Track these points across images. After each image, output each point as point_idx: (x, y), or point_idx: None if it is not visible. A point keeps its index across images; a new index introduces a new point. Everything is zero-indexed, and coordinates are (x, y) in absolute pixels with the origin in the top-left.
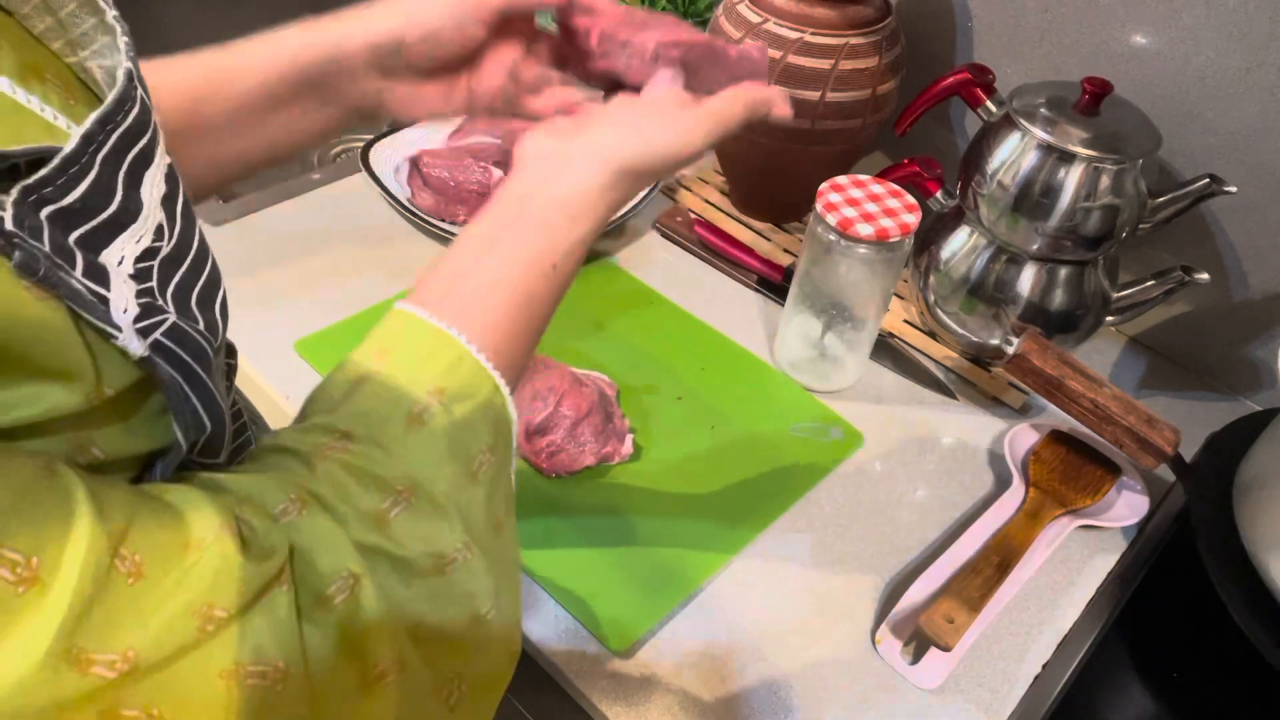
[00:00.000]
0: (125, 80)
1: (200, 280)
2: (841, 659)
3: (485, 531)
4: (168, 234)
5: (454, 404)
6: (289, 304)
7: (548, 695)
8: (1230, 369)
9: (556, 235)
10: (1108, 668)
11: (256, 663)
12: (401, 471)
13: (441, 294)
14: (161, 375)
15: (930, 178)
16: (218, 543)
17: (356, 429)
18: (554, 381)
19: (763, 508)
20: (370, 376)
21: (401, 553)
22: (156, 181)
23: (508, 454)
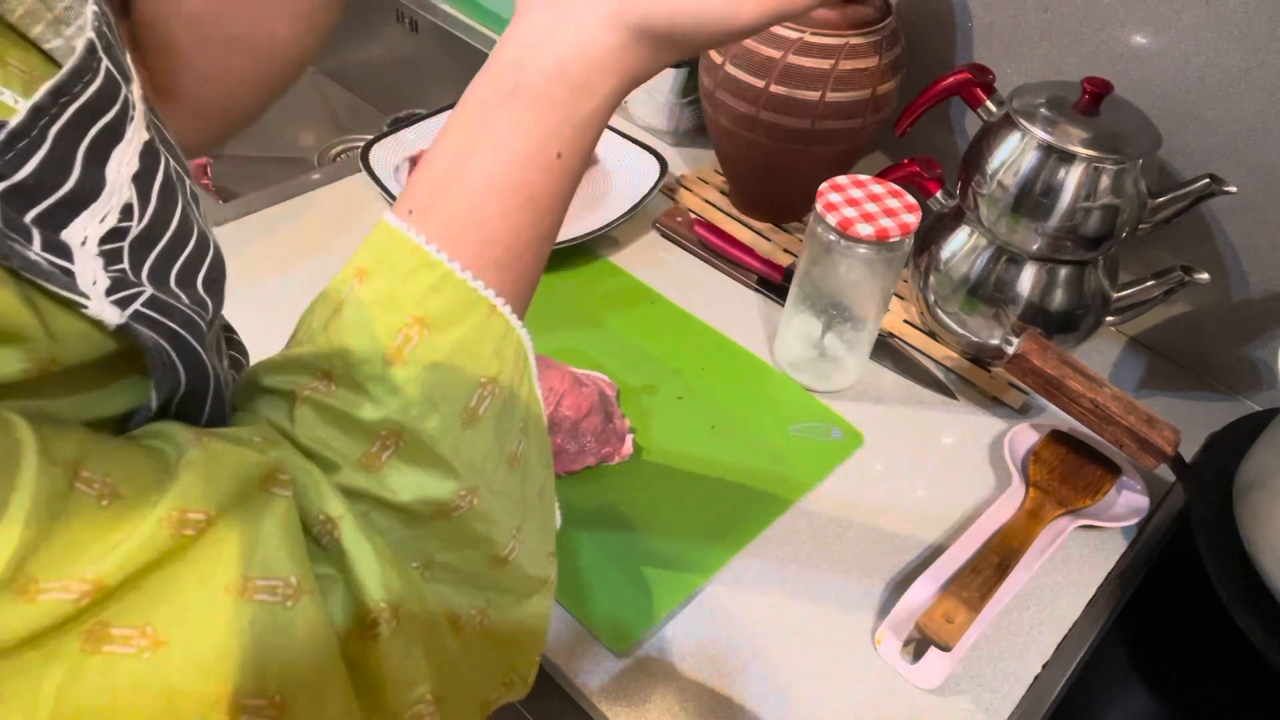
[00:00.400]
0: (84, 51)
1: (179, 261)
2: (841, 659)
3: (496, 471)
4: (138, 213)
5: (437, 334)
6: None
7: (548, 695)
8: (1230, 369)
9: (558, 113)
10: (1108, 668)
11: (265, 576)
12: (383, 416)
13: (427, 201)
14: (145, 342)
15: (930, 178)
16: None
17: (336, 368)
18: (554, 381)
19: (763, 508)
20: (348, 303)
21: (396, 500)
22: (127, 159)
23: (519, 380)
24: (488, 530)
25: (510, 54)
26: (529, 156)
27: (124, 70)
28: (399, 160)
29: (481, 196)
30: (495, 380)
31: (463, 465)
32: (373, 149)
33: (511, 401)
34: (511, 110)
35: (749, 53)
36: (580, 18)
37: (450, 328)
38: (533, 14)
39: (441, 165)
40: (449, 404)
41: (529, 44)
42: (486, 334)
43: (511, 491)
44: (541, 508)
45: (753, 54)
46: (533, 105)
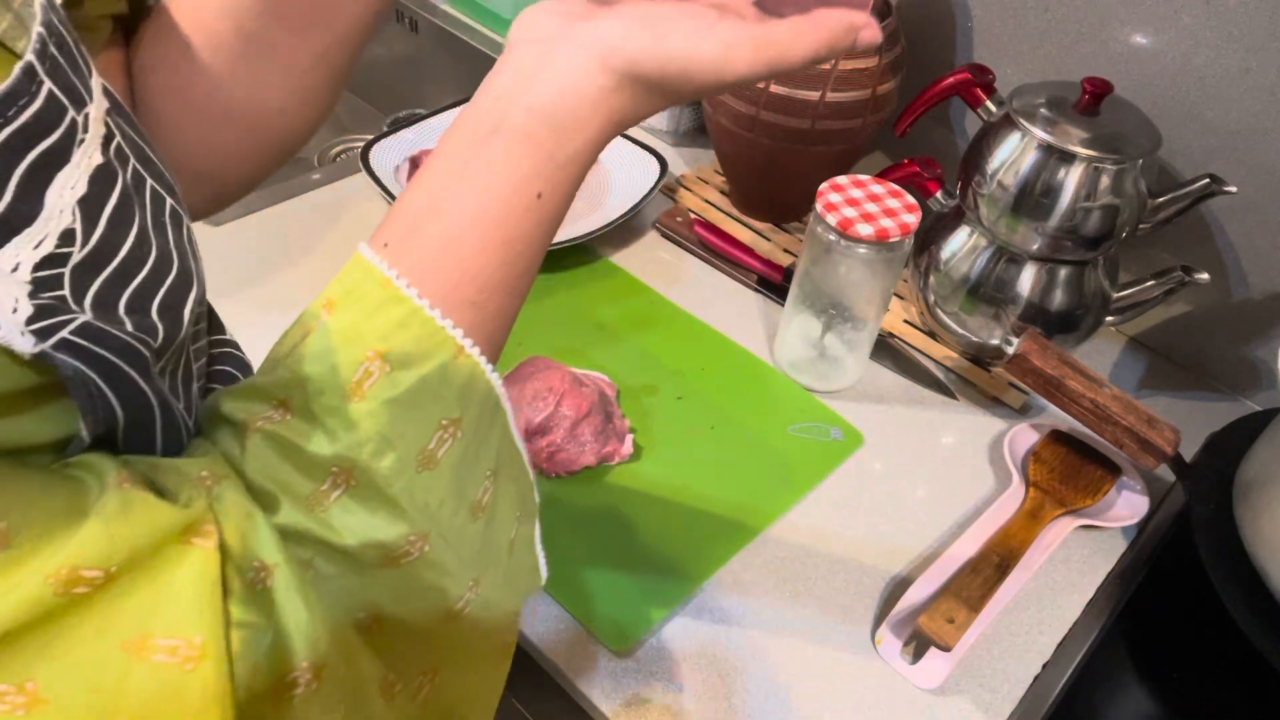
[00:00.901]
0: (20, 75)
1: (129, 288)
2: (841, 659)
3: (453, 517)
4: (80, 239)
5: (399, 371)
6: (289, 304)
7: (548, 695)
8: (1230, 369)
9: (541, 152)
10: (1108, 668)
11: (168, 635)
12: (337, 452)
13: (403, 235)
14: (65, 372)
15: (930, 178)
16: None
17: (294, 398)
18: (554, 381)
19: (762, 508)
20: (314, 333)
21: (341, 542)
22: (73, 183)
23: (488, 425)
24: (439, 580)
25: (497, 89)
26: (509, 194)
27: (74, 92)
28: (399, 160)
29: (459, 233)
30: (458, 423)
31: (415, 509)
32: (373, 149)
33: (477, 447)
34: (494, 147)
35: None
36: (569, 57)
37: (414, 365)
38: (522, 51)
39: (421, 199)
40: (406, 443)
41: (516, 80)
42: (452, 375)
43: (471, 540)
44: (511, 562)
45: None
46: (516, 143)
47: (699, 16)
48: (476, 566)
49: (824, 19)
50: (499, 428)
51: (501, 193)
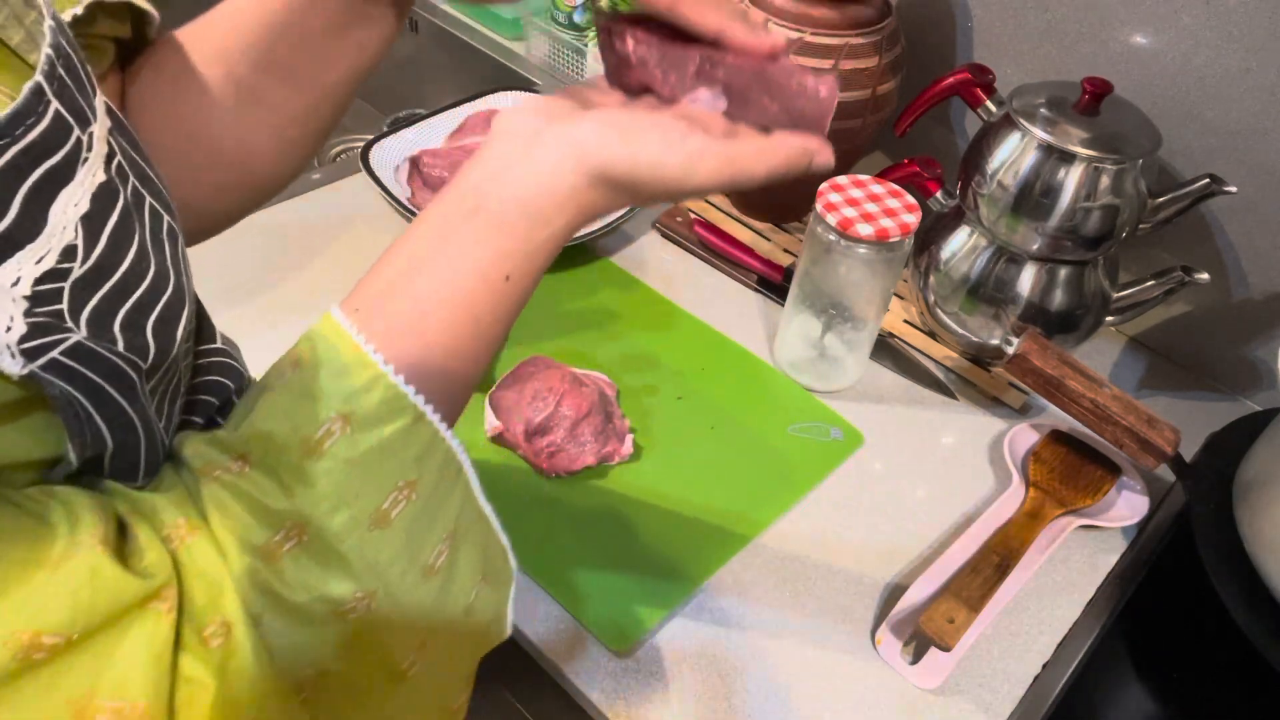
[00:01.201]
0: (29, 95)
1: (127, 303)
2: (841, 659)
3: (404, 581)
4: (82, 255)
5: (359, 433)
6: (289, 304)
7: (548, 695)
8: (1230, 369)
9: (513, 240)
10: (1108, 668)
11: (114, 698)
12: (292, 507)
13: (375, 302)
14: (52, 393)
15: (930, 178)
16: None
17: (254, 452)
18: (554, 381)
19: (763, 508)
20: (280, 389)
21: (291, 597)
22: (76, 200)
23: (446, 490)
24: (385, 638)
25: (476, 177)
26: (480, 274)
27: (79, 111)
28: (399, 160)
29: (428, 306)
30: (413, 486)
31: (364, 566)
32: (373, 149)
33: (433, 510)
34: (470, 229)
35: None
36: (547, 154)
37: (375, 428)
38: (503, 143)
39: (395, 270)
40: (360, 502)
41: (495, 171)
42: (411, 439)
43: (422, 602)
44: (465, 625)
45: None
46: (491, 227)
47: (670, 129)
48: (425, 628)
49: (782, 143)
50: (460, 491)
51: (472, 272)
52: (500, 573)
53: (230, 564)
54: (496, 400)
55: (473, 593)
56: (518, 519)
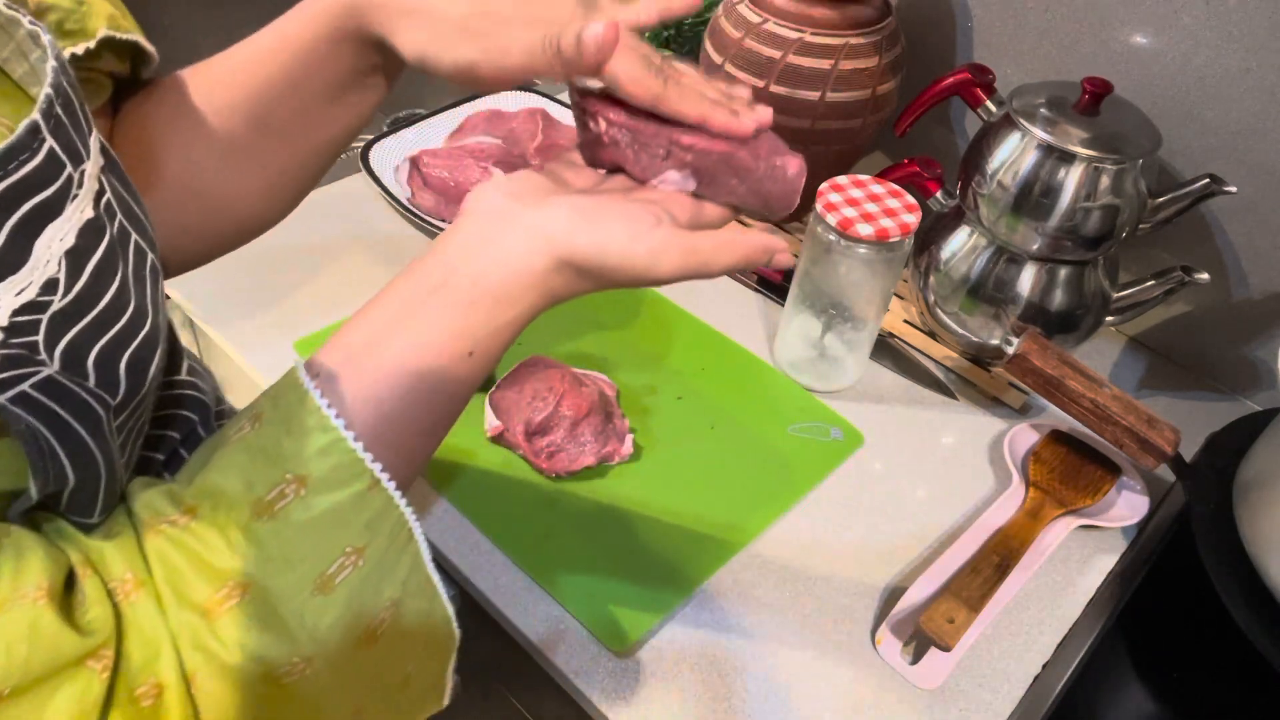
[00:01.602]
0: (25, 131)
1: (104, 338)
2: (841, 659)
3: (343, 646)
4: (63, 288)
5: (313, 496)
6: (289, 304)
7: (548, 695)
8: (1230, 369)
9: (477, 318)
10: (1108, 668)
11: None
12: (236, 566)
13: (339, 366)
14: (18, 428)
15: (930, 178)
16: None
17: (203, 506)
18: (554, 381)
19: (763, 508)
20: (235, 445)
21: (226, 657)
22: (62, 235)
23: (395, 557)
24: (317, 704)
25: (446, 254)
26: (442, 349)
27: (73, 149)
28: (399, 160)
29: (390, 376)
30: (361, 552)
31: (304, 631)
32: (373, 149)
33: (379, 577)
34: (435, 304)
35: (749, 53)
36: (516, 237)
37: (328, 492)
38: (473, 223)
39: (359, 338)
40: (306, 566)
41: (464, 250)
42: (364, 505)
43: (359, 669)
44: (403, 696)
45: (753, 54)
46: (456, 304)
47: (637, 219)
48: (359, 696)
49: (744, 240)
50: (408, 559)
51: (436, 345)
52: (442, 641)
53: (168, 619)
54: (496, 400)
55: (412, 663)
56: (518, 519)
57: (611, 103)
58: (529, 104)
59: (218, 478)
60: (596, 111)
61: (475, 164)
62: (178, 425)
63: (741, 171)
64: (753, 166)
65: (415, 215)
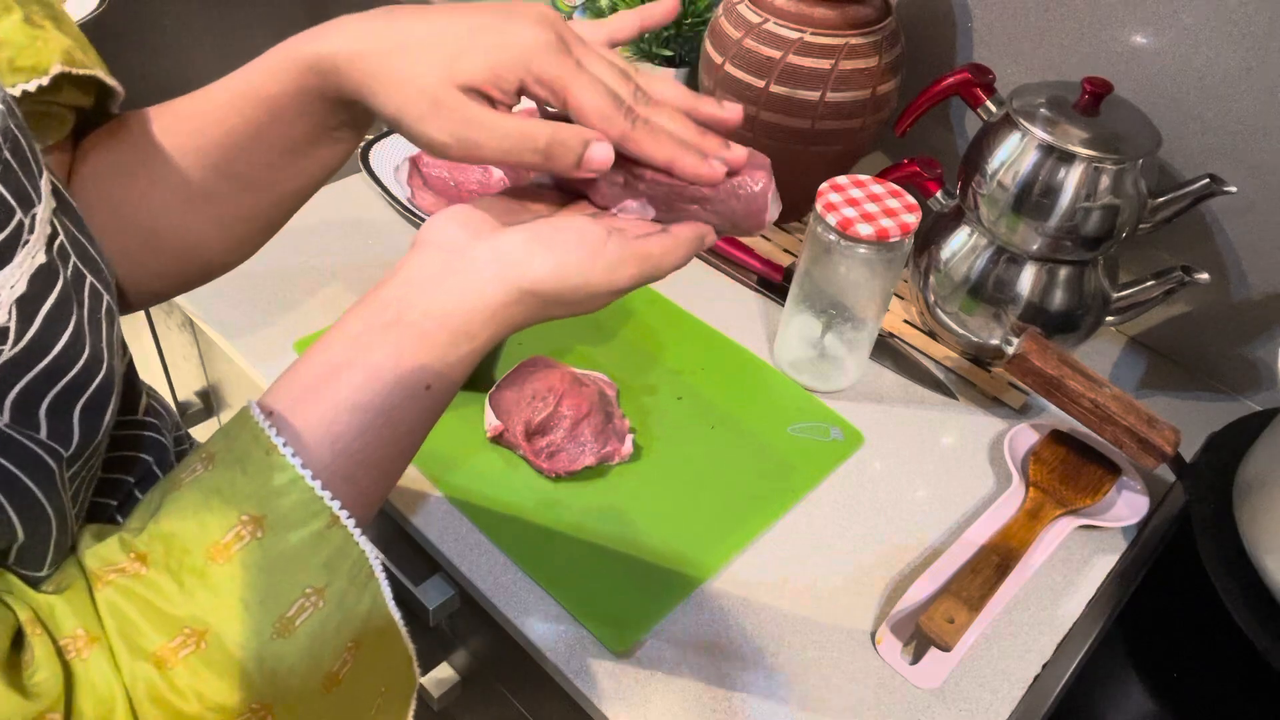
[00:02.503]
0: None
1: (57, 386)
2: (841, 659)
3: (305, 690)
4: (14, 336)
5: (270, 536)
6: (289, 304)
7: (548, 695)
8: (1230, 369)
9: (434, 352)
10: (1108, 668)
11: None
12: (192, 612)
13: (293, 405)
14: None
15: (930, 178)
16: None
17: (155, 552)
18: (554, 381)
19: (763, 508)
20: (188, 487)
21: (183, 706)
22: (13, 283)
23: (356, 596)
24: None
25: (399, 287)
26: (398, 383)
27: (23, 194)
28: (399, 160)
29: (345, 411)
30: (321, 592)
31: (263, 677)
32: (373, 149)
33: (340, 617)
34: (389, 338)
35: (749, 53)
36: (471, 271)
37: (287, 532)
38: (427, 255)
39: (313, 373)
40: (265, 610)
41: (418, 283)
42: (323, 544)
43: (319, 713)
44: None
45: (753, 54)
46: (411, 338)
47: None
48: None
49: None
50: (369, 597)
51: (390, 381)
52: (402, 683)
53: (122, 673)
54: (496, 400)
55: (373, 705)
56: (518, 519)
57: None
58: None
59: (170, 522)
60: None
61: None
62: (133, 468)
63: (699, 199)
64: (711, 193)
65: (415, 215)
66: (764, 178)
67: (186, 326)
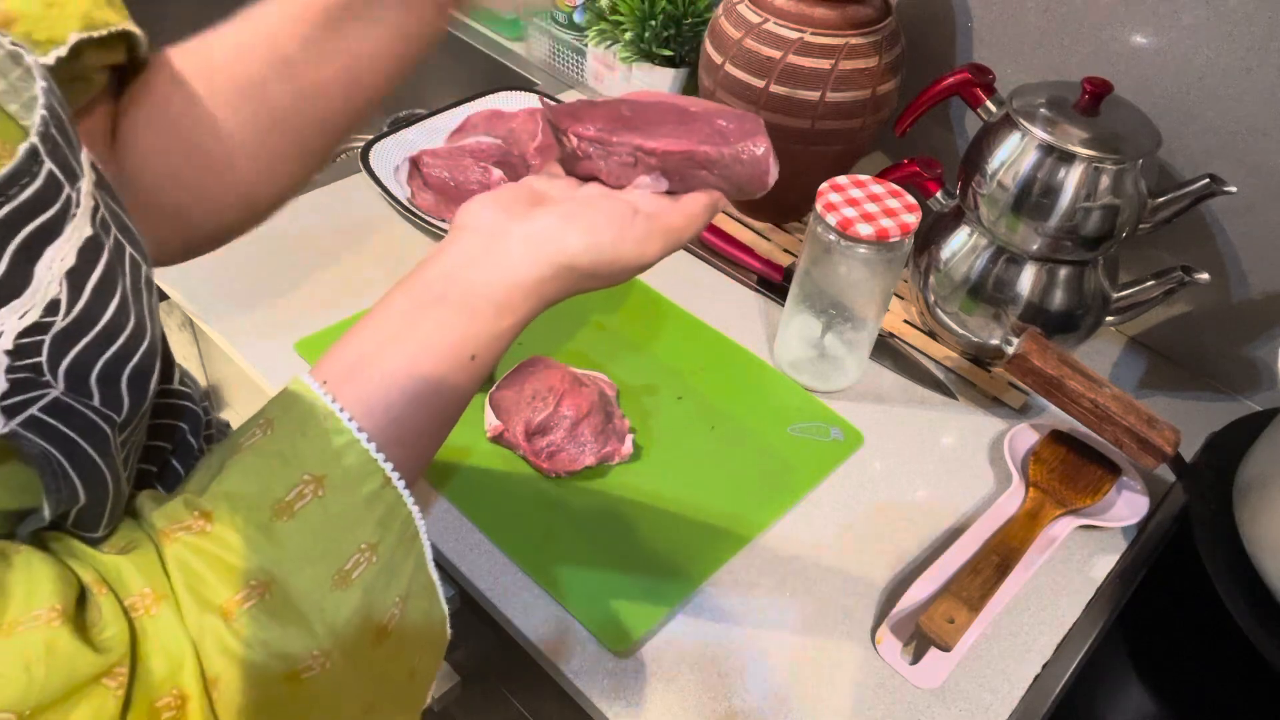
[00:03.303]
0: (25, 155)
1: (106, 355)
2: (841, 659)
3: (357, 640)
4: (65, 308)
5: (331, 495)
6: (289, 304)
7: (548, 695)
8: (1230, 369)
9: (478, 324)
10: (1108, 668)
11: None
12: (258, 565)
13: (345, 373)
14: (30, 450)
15: (930, 178)
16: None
17: (220, 509)
18: (554, 381)
19: (763, 508)
20: (248, 451)
21: (249, 655)
22: (63, 256)
23: (404, 554)
24: (335, 699)
25: (442, 268)
26: (445, 354)
27: (70, 169)
28: (399, 160)
29: (398, 381)
30: (374, 548)
31: (323, 626)
32: (373, 149)
33: (390, 573)
34: (438, 314)
35: (749, 53)
36: (510, 250)
37: (345, 492)
38: (467, 237)
39: (364, 346)
40: (325, 563)
41: (460, 263)
42: (377, 503)
43: (372, 665)
44: (410, 689)
45: (753, 54)
46: (457, 313)
47: (618, 215)
48: (371, 691)
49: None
50: (414, 558)
51: (438, 353)
52: (438, 641)
53: (189, 625)
54: (496, 400)
55: (416, 658)
56: (518, 519)
57: (582, 121)
58: (529, 104)
59: (234, 482)
60: (568, 129)
61: (475, 164)
62: (167, 435)
63: (708, 163)
64: (717, 157)
65: (415, 215)
66: (764, 141)
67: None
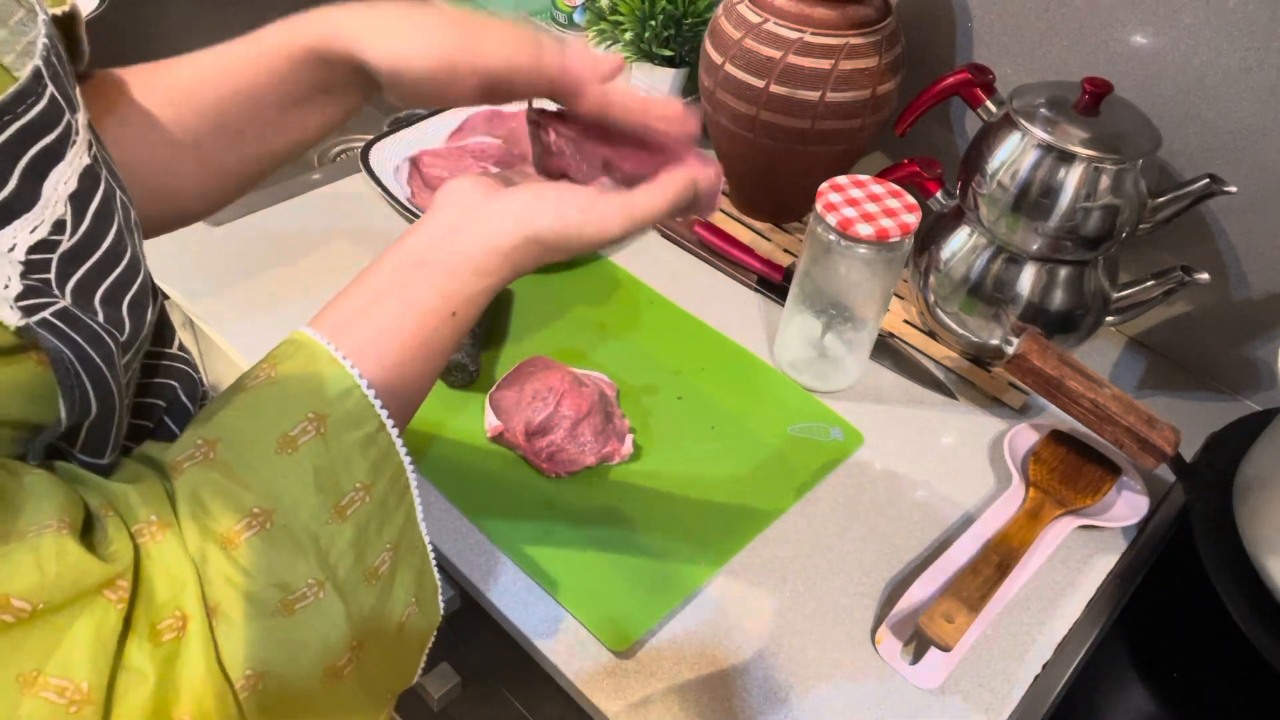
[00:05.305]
0: (30, 77)
1: (108, 280)
2: (841, 659)
3: (350, 576)
4: (70, 229)
5: (332, 434)
6: (289, 304)
7: (548, 695)
8: (1230, 369)
9: (458, 284)
10: (1108, 668)
11: (60, 676)
12: (261, 494)
13: (341, 326)
14: (45, 346)
15: (930, 178)
16: (49, 536)
17: (226, 439)
18: (554, 381)
19: (763, 508)
20: (252, 391)
21: (247, 584)
22: (66, 179)
23: (395, 501)
24: (327, 631)
25: (425, 236)
26: (430, 310)
27: (69, 99)
28: (399, 160)
29: (389, 333)
30: (369, 489)
31: (318, 556)
32: (372, 149)
33: (381, 517)
34: (421, 274)
35: (749, 53)
36: (487, 221)
37: (344, 432)
38: (446, 210)
39: (355, 303)
40: (324, 496)
41: (442, 232)
42: (371, 446)
43: (362, 602)
44: (398, 644)
45: (753, 54)
46: (441, 274)
47: (583, 196)
48: (361, 629)
49: (670, 182)
50: (405, 509)
51: (423, 309)
52: (429, 605)
53: (191, 552)
54: (496, 400)
55: (406, 611)
56: (517, 519)
57: (562, 119)
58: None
59: (240, 417)
60: (548, 124)
61: (475, 164)
62: (163, 394)
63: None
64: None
65: (415, 215)
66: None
67: (187, 326)
